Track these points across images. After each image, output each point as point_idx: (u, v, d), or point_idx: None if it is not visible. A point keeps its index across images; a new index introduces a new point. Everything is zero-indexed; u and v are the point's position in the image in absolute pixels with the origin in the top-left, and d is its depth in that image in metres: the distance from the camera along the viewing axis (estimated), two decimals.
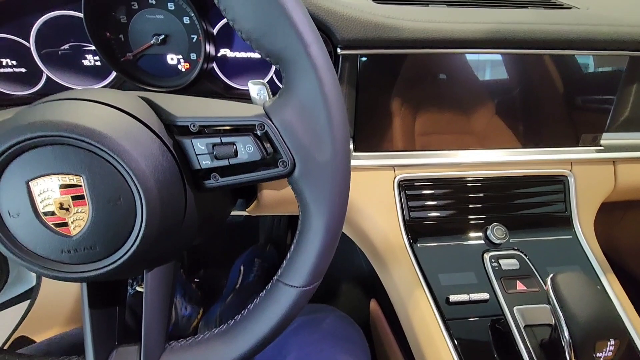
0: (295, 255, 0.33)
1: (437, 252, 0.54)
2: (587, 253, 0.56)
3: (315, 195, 0.31)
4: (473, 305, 0.49)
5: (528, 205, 0.58)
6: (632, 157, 0.61)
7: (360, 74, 0.51)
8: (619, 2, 0.67)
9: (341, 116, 0.30)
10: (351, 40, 0.46)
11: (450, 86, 0.54)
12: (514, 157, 0.58)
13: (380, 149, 0.56)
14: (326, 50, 0.29)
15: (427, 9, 0.54)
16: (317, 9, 0.44)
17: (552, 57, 0.54)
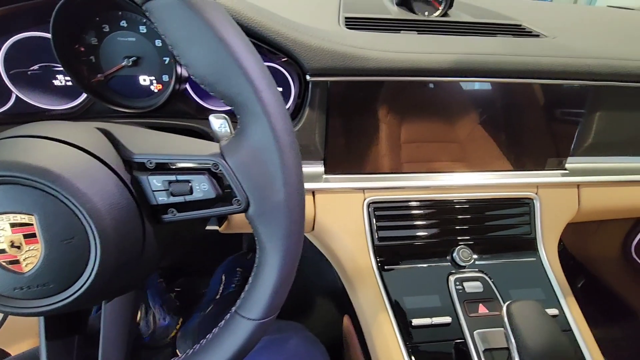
0: (252, 289, 0.34)
1: (404, 275, 0.55)
2: (549, 276, 0.57)
3: (270, 233, 0.32)
4: (435, 329, 0.50)
5: (494, 227, 0.60)
6: (595, 181, 0.62)
7: (330, 99, 0.52)
8: (585, 30, 0.69)
9: (293, 159, 0.31)
10: (318, 69, 0.47)
11: (421, 111, 0.56)
12: (481, 181, 0.59)
13: (351, 171, 0.57)
14: (279, 95, 0.30)
15: (398, 35, 0.55)
16: (284, 39, 0.45)
17: (519, 84, 0.56)
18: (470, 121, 0.57)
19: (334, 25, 0.56)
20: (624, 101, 0.59)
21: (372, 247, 0.56)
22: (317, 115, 0.53)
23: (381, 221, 0.57)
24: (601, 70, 0.52)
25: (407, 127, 0.56)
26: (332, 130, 0.54)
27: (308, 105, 0.52)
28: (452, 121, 0.57)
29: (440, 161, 0.58)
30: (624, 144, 0.63)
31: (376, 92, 0.53)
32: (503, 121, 0.59)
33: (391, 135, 0.56)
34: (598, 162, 0.64)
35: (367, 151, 0.57)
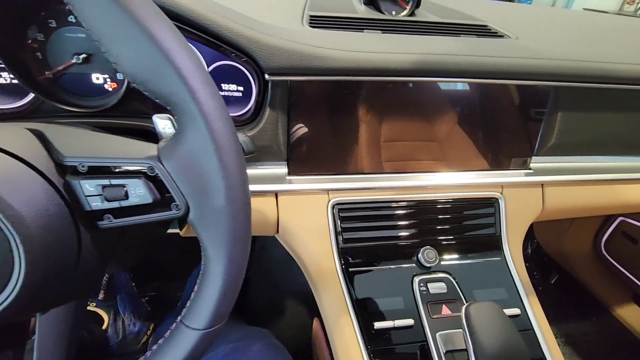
0: (197, 298, 0.33)
1: (369, 277, 0.54)
2: (513, 275, 0.57)
3: (212, 240, 0.31)
4: (398, 332, 0.49)
5: (460, 228, 0.60)
6: (559, 181, 0.63)
7: (292, 98, 0.51)
8: (552, 32, 0.70)
9: (235, 162, 0.29)
10: (277, 68, 0.46)
11: (384, 110, 0.55)
12: (447, 181, 0.59)
13: (315, 172, 0.56)
14: (217, 94, 0.28)
15: (361, 35, 0.55)
16: (239, 37, 0.44)
17: (482, 84, 0.56)
18: (435, 121, 0.57)
19: (296, 24, 0.55)
20: (585, 102, 0.59)
21: (337, 249, 0.55)
22: (278, 115, 0.52)
23: (346, 223, 0.56)
24: (560, 71, 0.53)
25: (371, 127, 0.55)
26: (294, 130, 0.53)
27: (269, 105, 0.51)
28: (415, 121, 0.56)
29: (406, 162, 0.58)
30: (587, 144, 0.64)
31: (338, 91, 0.53)
32: (468, 121, 0.59)
33: (355, 136, 0.55)
34: (562, 162, 0.65)
35: (331, 152, 0.56)
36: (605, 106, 0.61)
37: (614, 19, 0.98)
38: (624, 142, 0.65)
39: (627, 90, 0.59)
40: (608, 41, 0.69)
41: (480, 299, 0.53)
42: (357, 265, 0.55)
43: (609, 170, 0.66)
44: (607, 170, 0.66)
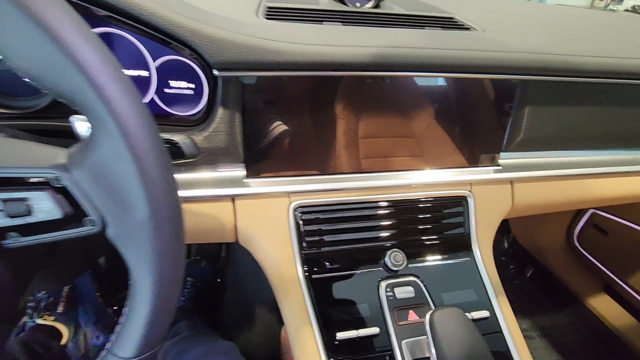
0: (125, 323, 0.29)
1: (333, 284, 0.52)
2: (482, 276, 0.56)
3: (137, 258, 0.27)
4: (362, 342, 0.47)
5: (428, 228, 0.57)
6: (528, 177, 0.62)
7: (246, 95, 0.48)
8: (520, 25, 0.69)
9: (157, 168, 0.26)
10: (225, 63, 0.42)
11: (347, 106, 0.52)
12: (414, 180, 0.57)
13: (275, 174, 0.53)
14: (131, 91, 0.25)
15: (320, 27, 0.51)
16: (179, 29, 0.40)
17: (447, 79, 0.54)
18: (399, 119, 0.55)
19: (250, 16, 0.51)
20: (552, 95, 0.58)
21: (299, 255, 0.52)
22: (232, 113, 0.48)
23: (309, 226, 0.53)
24: (525, 65, 0.51)
25: (333, 125, 0.52)
26: (250, 130, 0.50)
27: (220, 103, 0.47)
28: (379, 119, 0.54)
29: (371, 161, 0.55)
30: (555, 138, 0.63)
31: (297, 87, 0.49)
32: (435, 118, 0.57)
33: (316, 135, 0.52)
34: (531, 157, 0.64)
35: (291, 152, 0.52)
36: (573, 100, 0.60)
37: (584, 13, 0.97)
38: (593, 136, 0.65)
39: (594, 83, 0.58)
40: (575, 34, 0.68)
41: (448, 303, 0.52)
42: (320, 272, 0.52)
43: (578, 165, 0.65)
44: (576, 165, 0.65)
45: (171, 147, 0.41)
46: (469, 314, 0.51)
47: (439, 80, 0.55)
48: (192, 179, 0.51)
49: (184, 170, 0.51)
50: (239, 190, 0.51)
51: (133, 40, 0.43)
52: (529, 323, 1.27)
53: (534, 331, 1.24)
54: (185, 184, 0.50)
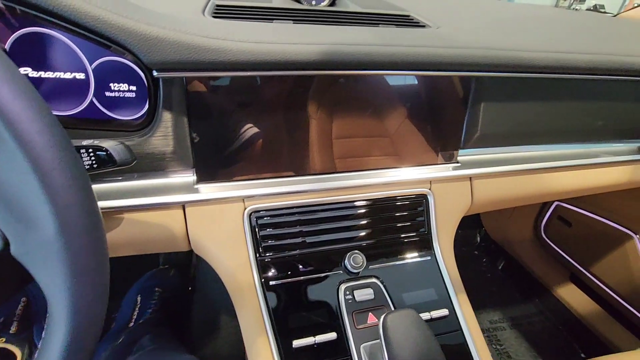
0: (43, 349, 0.27)
1: (291, 289, 0.50)
2: (443, 274, 0.56)
3: (48, 278, 0.25)
4: (319, 348, 0.45)
5: (388, 228, 0.57)
6: (487, 173, 0.62)
7: (191, 97, 0.45)
8: (477, 22, 0.69)
9: (63, 178, 0.23)
10: (162, 63, 0.40)
11: (301, 106, 0.51)
12: (373, 180, 0.56)
13: (228, 179, 0.51)
14: (28, 90, 0.22)
15: (269, 25, 0.50)
16: (108, 27, 0.37)
17: (401, 76, 0.54)
18: (356, 117, 0.54)
19: (195, 14, 0.49)
20: (506, 92, 0.59)
21: (255, 261, 0.50)
22: (177, 116, 0.46)
23: (265, 231, 0.51)
24: (477, 61, 0.51)
25: (286, 126, 0.51)
26: (197, 133, 0.47)
27: (163, 106, 0.45)
28: (336, 118, 0.52)
29: (328, 162, 0.54)
30: (512, 134, 0.64)
31: (245, 87, 0.47)
32: (392, 116, 0.56)
33: (269, 136, 0.51)
34: (489, 154, 0.64)
35: (244, 155, 0.51)
36: (526, 96, 0.60)
37: (541, 11, 1.00)
38: (548, 131, 0.66)
39: (546, 79, 0.59)
40: (528, 31, 0.69)
41: (408, 303, 0.51)
42: (278, 277, 0.50)
43: (535, 159, 0.66)
44: (533, 159, 0.66)
45: (100, 155, 0.38)
46: (429, 313, 0.51)
47: (408, 79, 0.54)
48: (139, 186, 0.48)
49: (131, 178, 0.48)
50: (189, 197, 0.49)
51: (66, 41, 0.40)
52: (500, 314, 1.29)
53: (505, 322, 1.26)
54: (131, 192, 0.47)
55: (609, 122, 0.68)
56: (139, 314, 1.02)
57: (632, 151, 0.73)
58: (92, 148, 0.37)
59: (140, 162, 0.47)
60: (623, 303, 1.09)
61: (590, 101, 0.65)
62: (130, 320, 1.01)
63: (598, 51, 0.58)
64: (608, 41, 0.68)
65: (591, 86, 0.63)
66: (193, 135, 0.47)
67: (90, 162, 0.37)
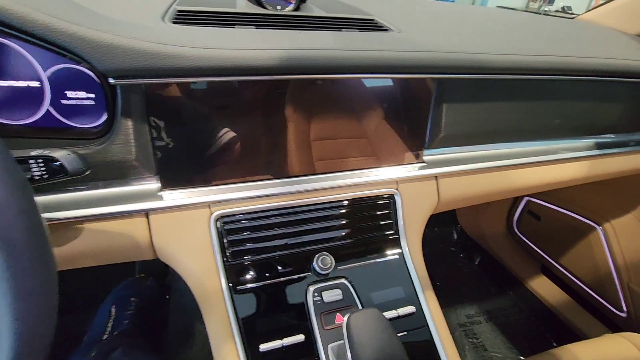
0: None
1: (260, 294, 0.50)
2: (410, 273, 0.57)
3: None
4: (287, 351, 0.46)
5: (357, 228, 0.58)
6: (452, 172, 0.64)
7: (151, 103, 0.45)
8: (436, 25, 0.71)
9: (3, 192, 0.23)
10: (118, 70, 0.40)
11: (265, 110, 0.51)
12: (340, 182, 0.57)
13: (193, 184, 0.50)
14: None
15: (230, 31, 0.50)
16: (59, 35, 0.37)
17: (368, 79, 0.55)
18: (321, 120, 0.54)
19: (154, 20, 0.49)
20: (467, 93, 0.60)
21: (223, 267, 0.50)
22: (137, 123, 0.46)
23: (232, 236, 0.51)
24: (435, 63, 0.53)
25: (250, 130, 0.51)
26: (160, 139, 0.47)
27: (122, 114, 0.44)
28: (299, 122, 0.53)
29: (294, 166, 0.54)
30: (475, 134, 0.66)
31: (209, 92, 0.47)
32: (358, 119, 0.57)
33: (235, 141, 0.51)
34: (454, 153, 0.66)
35: (209, 160, 0.50)
36: (486, 96, 0.63)
37: (506, 15, 1.03)
38: (509, 130, 0.68)
39: (505, 80, 0.61)
40: (491, 34, 0.71)
41: (376, 302, 0.52)
42: (245, 282, 0.50)
43: (499, 157, 0.69)
44: (496, 157, 0.68)
45: (52, 165, 0.37)
46: (396, 311, 0.52)
47: (374, 82, 0.55)
48: (102, 195, 0.47)
49: (95, 187, 0.47)
50: (152, 204, 0.48)
51: (18, 49, 0.39)
52: (476, 309, 1.33)
53: (481, 316, 1.30)
54: (94, 201, 0.47)
55: (566, 120, 0.71)
56: (114, 326, 0.99)
57: (590, 147, 0.76)
58: (43, 158, 0.36)
59: (101, 170, 0.46)
60: (589, 292, 1.14)
61: (548, 101, 0.68)
62: (104, 332, 0.98)
63: (554, 53, 0.61)
64: (564, 43, 0.71)
65: (548, 86, 0.66)
66: (155, 141, 0.47)
67: (40, 173, 0.36)
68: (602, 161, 0.79)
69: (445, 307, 1.32)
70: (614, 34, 0.88)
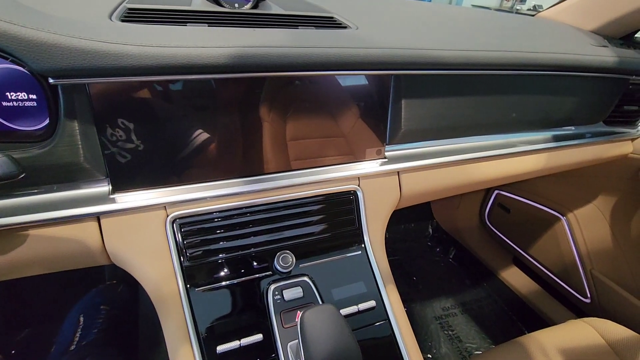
0: None
1: (219, 296, 0.49)
2: (372, 267, 0.57)
3: None
4: (244, 351, 0.45)
5: (319, 226, 0.58)
6: (413, 167, 0.65)
7: (97, 103, 0.44)
8: (393, 22, 0.72)
9: None
10: (55, 70, 0.38)
11: (221, 108, 0.50)
12: (300, 179, 0.57)
13: (147, 186, 0.49)
14: None
15: (180, 29, 0.49)
16: None
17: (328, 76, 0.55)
18: (284, 119, 0.54)
19: (100, 18, 0.47)
20: (424, 88, 0.61)
21: (180, 270, 0.49)
22: (83, 124, 0.44)
23: (190, 238, 0.51)
24: (389, 60, 0.53)
25: (204, 128, 0.50)
26: (108, 140, 0.46)
27: (65, 115, 0.43)
28: (253, 118, 0.52)
29: (252, 164, 0.54)
30: (434, 129, 0.67)
31: (160, 90, 0.46)
32: (318, 115, 0.57)
33: (187, 140, 0.50)
34: (414, 148, 0.67)
35: (163, 161, 0.49)
36: (445, 92, 0.64)
37: (465, 12, 1.05)
38: (468, 125, 0.70)
39: (461, 75, 0.62)
40: (447, 31, 0.73)
41: (337, 297, 0.52)
42: (205, 284, 0.49)
43: (459, 151, 0.70)
44: (456, 152, 0.70)
45: None
46: (356, 306, 0.52)
47: (331, 80, 0.55)
48: (49, 199, 0.46)
49: (40, 191, 0.45)
50: (103, 207, 0.47)
51: None
52: (452, 301, 1.36)
53: (457, 308, 1.33)
54: (40, 205, 0.45)
55: (523, 114, 0.73)
56: (82, 335, 0.97)
57: (547, 139, 0.79)
58: None
59: (47, 173, 0.45)
60: (557, 280, 1.18)
61: (505, 95, 0.69)
62: (72, 342, 0.95)
63: (506, 48, 0.63)
64: (519, 39, 0.73)
65: (504, 81, 0.68)
66: (105, 142, 0.45)
67: None
68: (559, 153, 0.82)
69: (421, 300, 1.35)
70: (570, 30, 0.91)
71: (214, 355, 0.44)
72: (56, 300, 1.11)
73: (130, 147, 0.47)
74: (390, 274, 0.58)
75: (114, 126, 0.45)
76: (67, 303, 1.06)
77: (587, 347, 0.76)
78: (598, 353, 0.74)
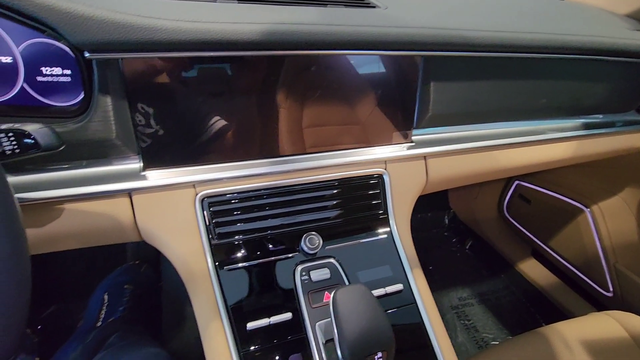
0: None
1: (247, 274, 0.50)
2: (399, 251, 0.57)
3: None
4: (274, 329, 0.46)
5: (345, 208, 0.57)
6: (440, 151, 0.64)
7: (130, 79, 0.44)
8: (421, 1, 0.70)
9: None
10: (92, 43, 0.38)
11: (250, 87, 0.50)
12: (328, 162, 0.56)
13: (177, 164, 0.49)
14: None
15: (210, 5, 0.48)
16: (32, 6, 0.35)
17: (358, 56, 0.53)
18: (306, 99, 0.53)
19: None
20: (455, 71, 0.60)
21: (209, 247, 0.49)
22: (116, 100, 0.44)
23: (219, 217, 0.51)
24: (422, 40, 0.52)
25: (236, 108, 0.50)
26: (141, 117, 0.46)
27: (99, 90, 0.43)
28: (284, 99, 0.52)
29: (280, 145, 0.54)
30: (463, 113, 0.65)
31: (190, 68, 0.46)
32: (346, 98, 0.56)
33: (218, 119, 0.49)
34: (442, 132, 0.66)
35: (193, 139, 0.49)
36: (474, 75, 0.62)
37: None
38: (497, 110, 0.68)
39: (492, 58, 0.60)
40: (478, 13, 0.70)
41: (364, 280, 0.52)
42: (233, 262, 0.50)
43: (486, 137, 0.68)
44: (484, 137, 0.68)
45: (23, 139, 0.36)
46: (384, 289, 0.52)
47: (360, 61, 0.54)
48: (83, 174, 0.46)
49: (74, 166, 0.46)
50: (135, 184, 0.47)
51: None
52: (469, 291, 1.34)
53: (473, 298, 1.32)
54: (75, 180, 0.45)
55: (553, 100, 0.71)
56: (108, 312, 0.99)
57: (577, 127, 0.77)
58: (13, 132, 0.35)
59: (81, 148, 0.45)
60: (577, 273, 1.16)
61: (535, 80, 0.67)
62: (98, 319, 0.98)
63: (540, 30, 0.60)
64: (551, 22, 0.70)
65: (535, 65, 0.66)
66: (136, 119, 0.46)
67: (11, 148, 0.35)
68: (589, 142, 0.79)
69: (437, 290, 1.34)
70: (603, 13, 0.87)
71: (244, 332, 0.45)
72: (81, 280, 1.14)
73: (161, 125, 0.47)
74: (417, 259, 0.57)
75: (145, 103, 0.46)
76: (92, 282, 1.09)
77: (610, 340, 0.74)
78: (621, 346, 0.72)
